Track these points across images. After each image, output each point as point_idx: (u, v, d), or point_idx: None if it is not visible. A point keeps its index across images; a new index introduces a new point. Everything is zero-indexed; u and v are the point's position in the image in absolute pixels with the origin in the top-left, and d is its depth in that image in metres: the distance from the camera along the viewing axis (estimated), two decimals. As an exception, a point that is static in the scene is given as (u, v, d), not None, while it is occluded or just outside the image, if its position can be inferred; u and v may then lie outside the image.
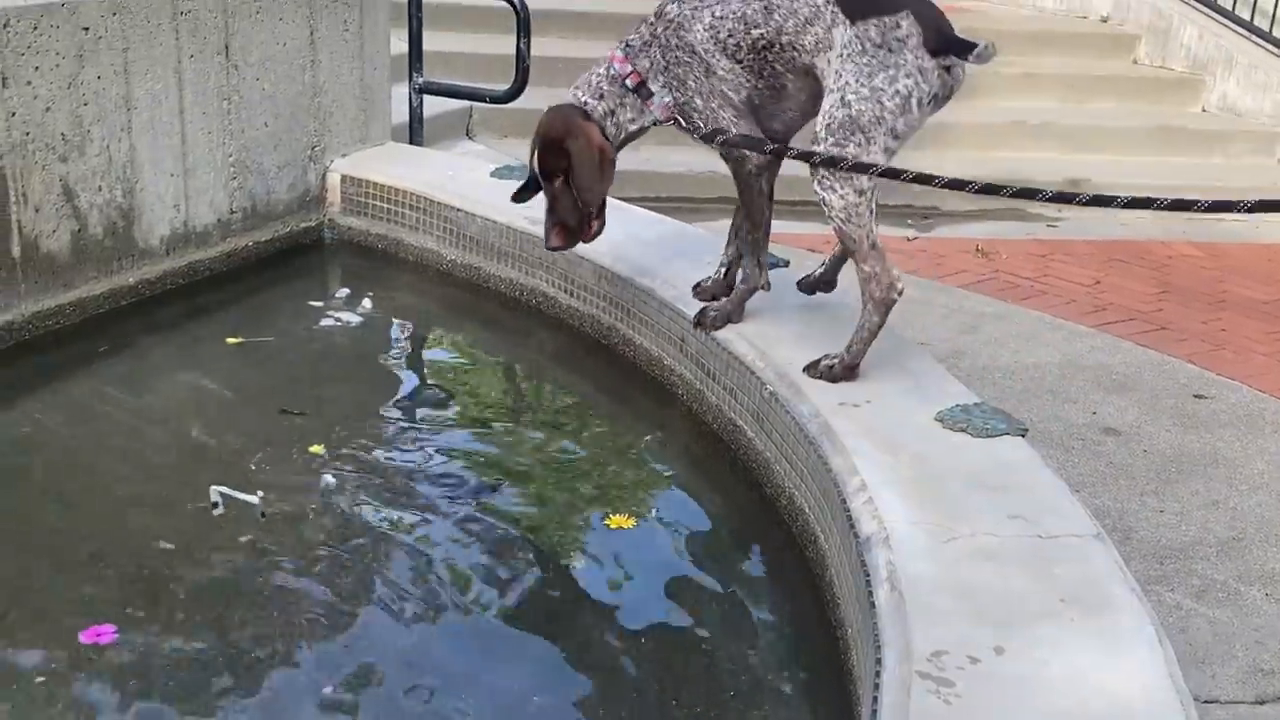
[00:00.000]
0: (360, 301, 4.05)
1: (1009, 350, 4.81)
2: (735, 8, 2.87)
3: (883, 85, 2.72)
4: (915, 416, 2.75)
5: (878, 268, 2.85)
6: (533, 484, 3.08)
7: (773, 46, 2.85)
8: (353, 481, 2.95)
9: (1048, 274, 5.82)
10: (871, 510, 2.38)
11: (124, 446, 3.13)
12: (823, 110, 2.79)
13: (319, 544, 2.72)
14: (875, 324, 2.89)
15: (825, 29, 2.78)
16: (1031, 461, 2.59)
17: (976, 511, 2.37)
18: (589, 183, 2.97)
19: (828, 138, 2.76)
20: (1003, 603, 2.11)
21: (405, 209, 4.36)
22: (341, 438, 3.15)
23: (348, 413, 3.35)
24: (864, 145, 2.74)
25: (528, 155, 3.07)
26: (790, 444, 2.86)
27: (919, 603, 2.09)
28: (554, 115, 3.00)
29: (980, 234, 6.33)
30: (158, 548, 2.66)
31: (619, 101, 2.98)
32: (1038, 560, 2.23)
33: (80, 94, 3.57)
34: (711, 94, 2.92)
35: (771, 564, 2.86)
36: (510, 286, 4.06)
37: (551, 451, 3.25)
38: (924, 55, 2.73)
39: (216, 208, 4.11)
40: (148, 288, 3.90)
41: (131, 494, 2.91)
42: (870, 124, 2.73)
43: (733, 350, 3.14)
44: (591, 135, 2.95)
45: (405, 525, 2.83)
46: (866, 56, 2.73)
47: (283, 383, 3.52)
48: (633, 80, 2.96)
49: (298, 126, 4.36)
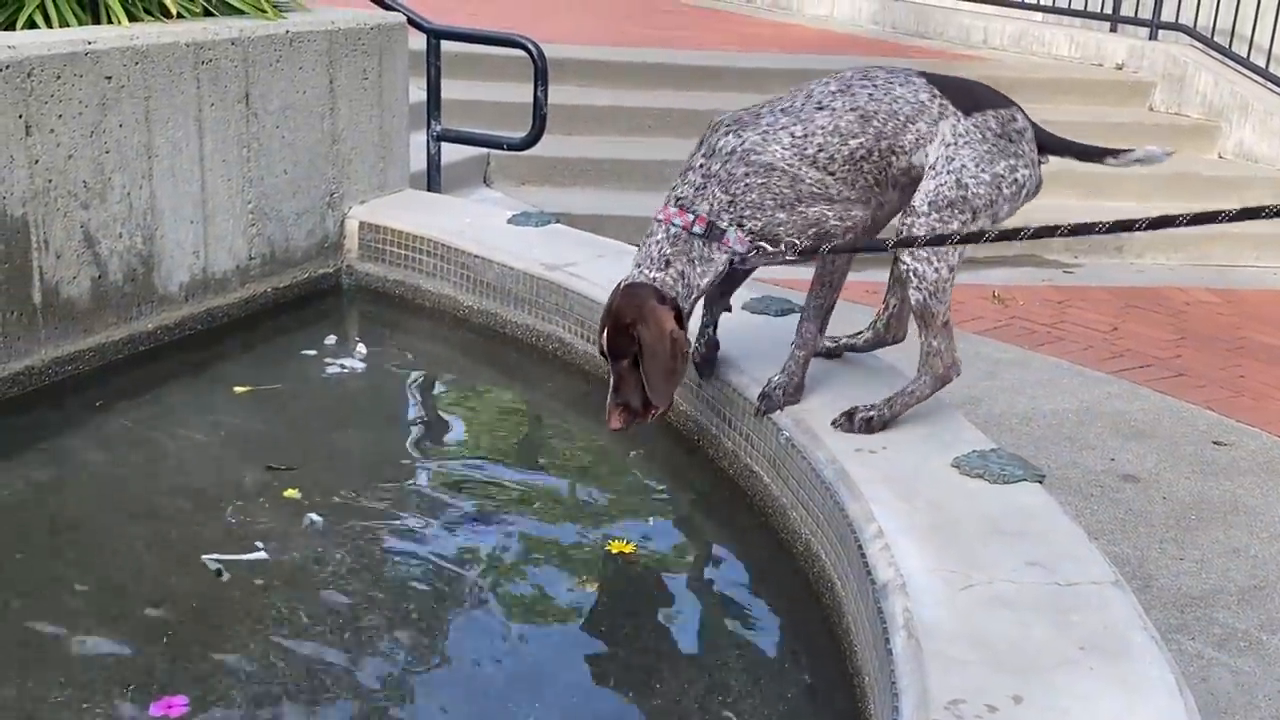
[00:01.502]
0: (355, 348, 4.02)
1: (1026, 396, 4.80)
2: (824, 123, 2.80)
3: (1003, 173, 2.76)
4: (932, 463, 2.74)
5: (944, 345, 2.86)
6: (547, 530, 3.08)
7: (871, 154, 2.81)
8: (353, 532, 2.93)
9: (1065, 320, 5.82)
10: (888, 557, 2.37)
11: (130, 498, 3.12)
12: (927, 189, 2.77)
13: (328, 588, 2.72)
14: (925, 394, 2.90)
15: (930, 123, 2.79)
16: (1049, 508, 2.58)
17: (994, 558, 2.36)
18: (660, 379, 2.88)
19: (931, 213, 2.75)
20: (1021, 651, 2.09)
21: (423, 255, 4.39)
22: (340, 487, 3.12)
23: (350, 462, 3.33)
24: (966, 225, 2.76)
25: (596, 333, 2.97)
26: (807, 490, 2.85)
27: (936, 650, 2.08)
28: (625, 297, 2.88)
29: (997, 280, 6.34)
30: (179, 606, 2.64)
31: (687, 258, 2.88)
32: (1056, 608, 2.21)
33: (102, 142, 3.62)
34: (799, 199, 2.82)
35: (787, 610, 2.84)
36: (527, 332, 4.07)
37: (565, 498, 3.25)
38: (1035, 149, 2.82)
39: (235, 254, 4.14)
40: (166, 334, 3.93)
41: (140, 548, 2.90)
42: (983, 207, 2.76)
43: (748, 396, 3.14)
44: (664, 324, 2.84)
45: (423, 577, 2.83)
46: (987, 145, 2.76)
47: (286, 432, 3.52)
48: (700, 225, 2.86)
49: (316, 174, 4.39)
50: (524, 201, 6.47)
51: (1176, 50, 8.63)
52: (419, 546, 2.92)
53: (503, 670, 2.52)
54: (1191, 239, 7.14)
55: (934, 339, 2.86)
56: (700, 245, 2.88)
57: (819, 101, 2.84)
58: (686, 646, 2.67)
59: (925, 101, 2.80)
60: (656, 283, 2.88)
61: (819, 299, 3.00)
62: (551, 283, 3.99)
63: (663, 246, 2.89)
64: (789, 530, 2.95)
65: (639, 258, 2.93)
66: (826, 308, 3.02)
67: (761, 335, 3.37)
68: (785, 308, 3.55)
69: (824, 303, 3.01)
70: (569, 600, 2.80)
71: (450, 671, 2.52)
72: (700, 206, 2.86)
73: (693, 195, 2.87)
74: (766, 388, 3.06)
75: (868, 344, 3.26)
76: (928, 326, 2.85)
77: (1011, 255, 6.78)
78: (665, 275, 2.88)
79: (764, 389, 3.06)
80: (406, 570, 2.83)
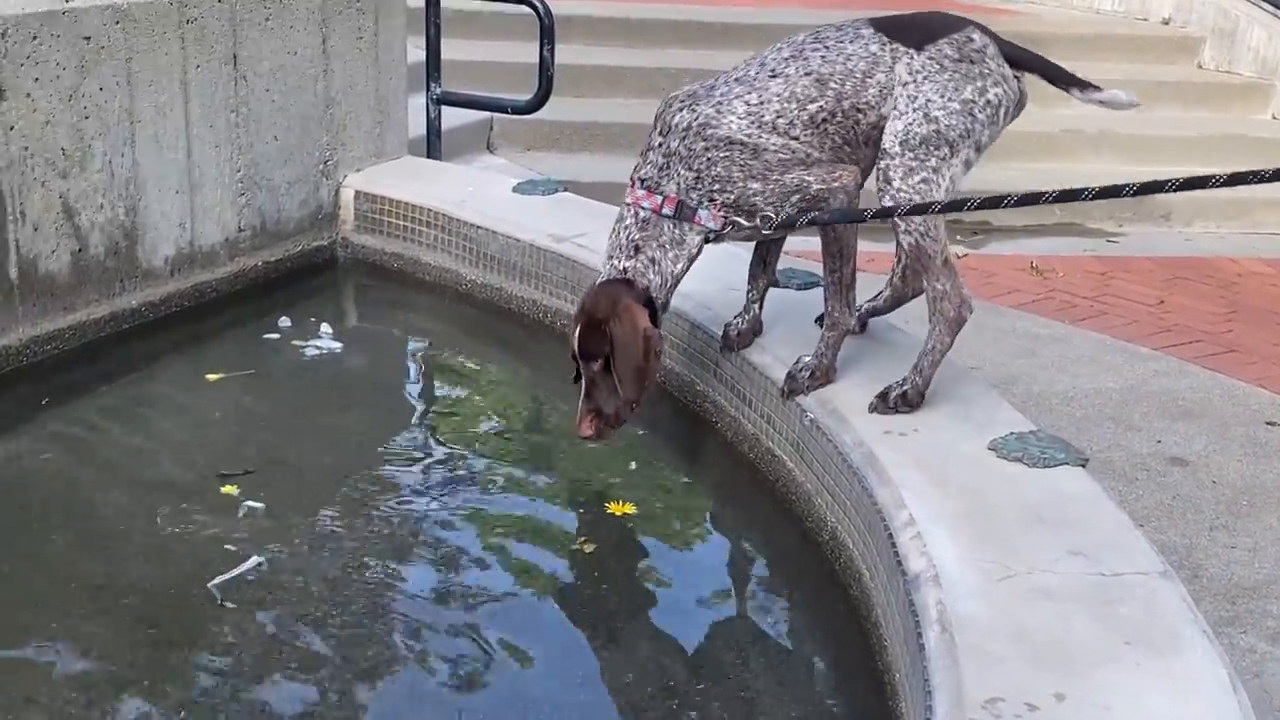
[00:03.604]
0: (319, 329, 3.96)
1: (1067, 375, 4.78)
2: (779, 90, 2.84)
3: (973, 97, 2.79)
4: (967, 446, 2.73)
5: (949, 285, 2.86)
6: (558, 518, 3.08)
7: (834, 116, 2.84)
8: (351, 531, 2.93)
9: (1108, 293, 5.80)
10: (920, 546, 2.37)
11: (74, 501, 3.08)
12: (895, 129, 2.79)
13: (327, 583, 2.73)
14: (946, 344, 2.89)
15: (887, 71, 2.82)
16: (1092, 493, 2.57)
17: (1033, 547, 2.36)
18: (631, 376, 2.92)
19: (904, 153, 2.77)
20: (1062, 645, 2.09)
21: (422, 226, 4.38)
22: (301, 488, 3.10)
23: (316, 459, 3.28)
24: (946, 160, 2.78)
25: (569, 332, 3.00)
26: (832, 475, 2.85)
27: (972, 645, 2.07)
28: (598, 294, 2.93)
29: (1035, 250, 6.32)
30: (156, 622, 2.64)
31: (657, 243, 2.92)
32: (1100, 600, 2.21)
33: (81, 107, 3.61)
34: (769, 169, 2.85)
35: (813, 604, 2.84)
36: (533, 308, 4.06)
37: (578, 484, 3.25)
38: (1004, 64, 2.83)
39: (224, 226, 4.14)
40: (151, 311, 3.93)
41: (73, 555, 2.87)
42: (959, 138, 2.78)
43: (769, 375, 3.14)
44: (638, 320, 2.89)
45: (430, 580, 2.84)
46: (948, 73, 2.79)
47: (283, 415, 3.52)
48: (670, 206, 2.90)
49: (309, 140, 4.39)
50: (530, 168, 6.46)
51: (1227, 3, 8.56)
52: (398, 551, 2.90)
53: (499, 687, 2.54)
54: (1244, 206, 7.10)
55: (937, 281, 2.86)
56: (671, 227, 2.91)
57: (772, 69, 2.88)
58: (705, 643, 2.67)
59: (877, 52, 2.83)
60: (628, 272, 2.92)
61: (834, 272, 3.00)
62: (559, 255, 3.98)
63: (631, 232, 2.93)
64: (814, 518, 2.95)
65: (609, 247, 2.98)
66: (846, 282, 3.01)
67: (784, 310, 3.36)
68: (809, 281, 3.54)
69: (841, 276, 3.00)
70: (577, 598, 2.80)
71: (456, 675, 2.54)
72: (667, 186, 2.90)
73: (657, 175, 2.91)
74: (793, 368, 3.05)
75: (889, 303, 3.26)
76: (928, 270, 2.86)
77: (1051, 224, 6.75)
78: (635, 263, 2.92)
79: (790, 370, 3.06)
80: (389, 579, 2.83)
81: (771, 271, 3.25)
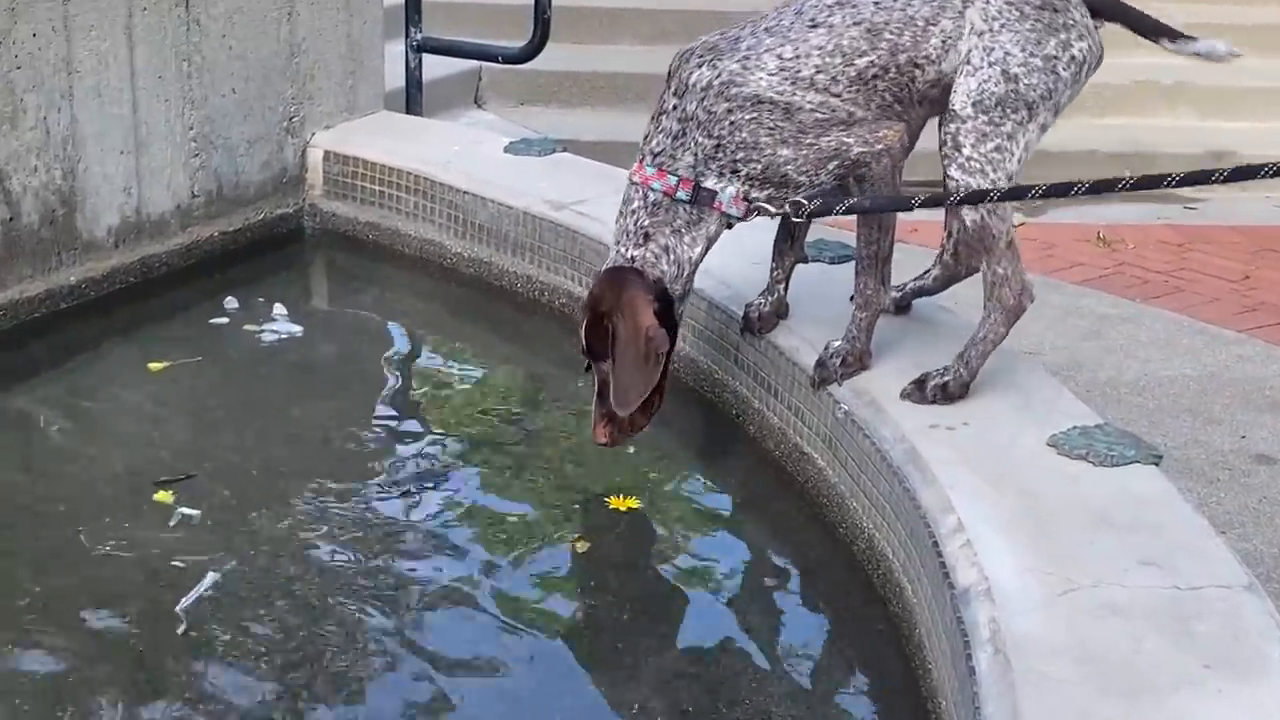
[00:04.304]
0: (270, 310, 3.96)
1: (1138, 360, 4.78)
2: (820, 43, 2.80)
3: (1056, 53, 2.77)
4: (1024, 441, 2.73)
5: (1010, 270, 2.86)
6: (555, 521, 3.09)
7: (887, 72, 2.81)
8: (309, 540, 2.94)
9: (1185, 267, 5.78)
10: (970, 555, 2.37)
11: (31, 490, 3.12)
12: (967, 88, 2.77)
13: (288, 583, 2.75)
14: (1000, 335, 2.90)
15: (955, 17, 2.79)
16: (1167, 495, 2.57)
17: (1099, 557, 2.36)
18: (627, 381, 2.92)
19: (978, 115, 2.76)
20: (1132, 668, 2.09)
21: (401, 192, 4.39)
22: (250, 491, 3.11)
23: (258, 459, 3.28)
24: (1023, 124, 2.77)
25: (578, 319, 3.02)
26: (869, 474, 2.85)
27: (1029, 668, 2.08)
28: (604, 283, 2.93)
29: (1102, 218, 6.29)
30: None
31: (670, 229, 2.90)
32: (1175, 616, 2.21)
33: (12, 55, 3.62)
34: (803, 131, 2.82)
35: (846, 621, 2.85)
36: (528, 285, 4.07)
37: (578, 486, 3.25)
38: (1087, 13, 2.81)
39: (175, 192, 4.15)
40: (92, 288, 3.95)
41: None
42: (1039, 99, 2.77)
43: (798, 361, 3.14)
44: (640, 317, 2.88)
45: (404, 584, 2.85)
46: (1029, 22, 2.77)
47: (236, 409, 3.53)
48: (685, 189, 2.87)
49: (272, 93, 4.39)
50: (523, 125, 6.46)
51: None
52: (369, 559, 2.91)
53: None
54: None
55: (998, 264, 2.86)
56: (686, 210, 2.90)
57: (812, 18, 2.84)
58: (725, 665, 2.67)
59: None
60: (636, 262, 2.91)
61: (870, 244, 2.98)
62: (557, 224, 3.98)
63: (639, 217, 2.91)
64: (848, 523, 2.95)
65: (617, 232, 2.97)
66: (883, 255, 3.00)
67: (815, 286, 3.36)
68: (842, 254, 3.54)
69: (878, 249, 2.98)
70: (577, 608, 2.82)
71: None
72: (683, 160, 2.87)
73: (671, 146, 2.87)
74: (823, 354, 3.05)
75: (939, 282, 3.25)
76: (989, 251, 2.85)
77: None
78: (645, 252, 2.91)
79: (820, 356, 3.05)
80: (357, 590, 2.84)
81: (799, 247, 3.24)
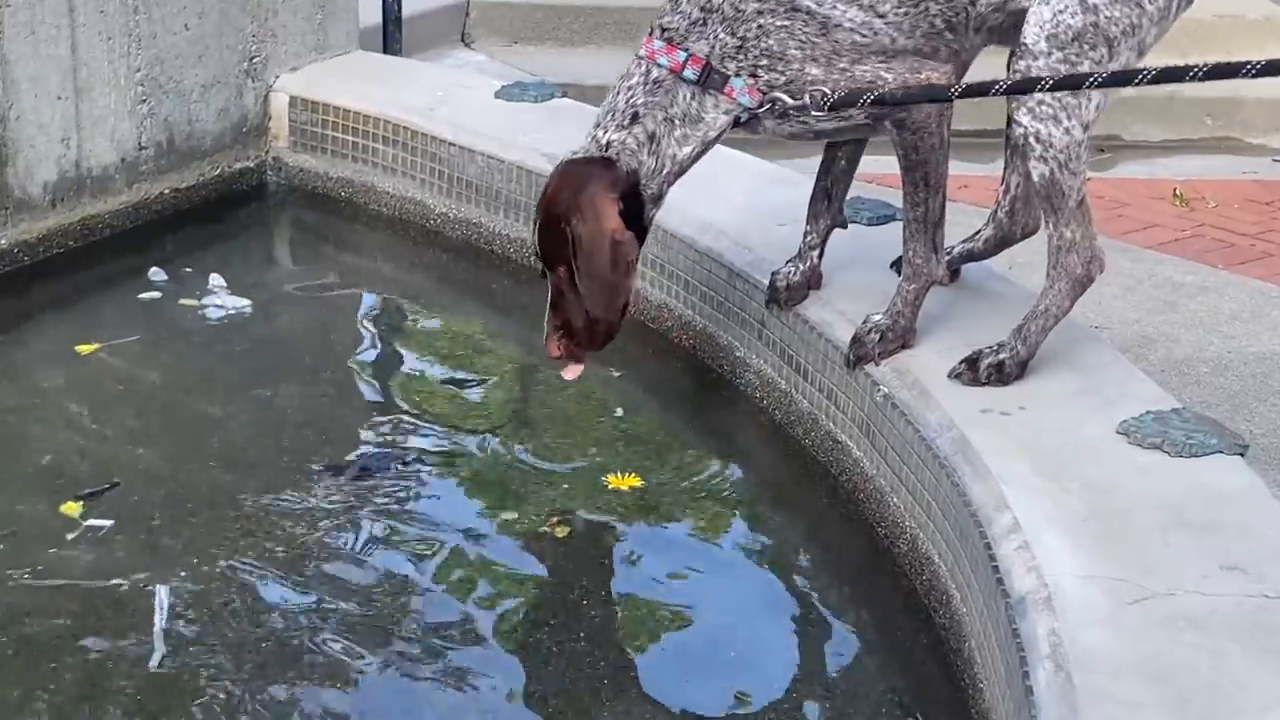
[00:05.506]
0: (206, 282, 3.97)
1: (1220, 335, 4.77)
2: None
3: None
4: (1089, 428, 2.73)
5: (1080, 234, 2.86)
6: (568, 521, 3.10)
7: None
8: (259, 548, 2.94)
9: (1275, 229, 5.77)
10: (1027, 559, 2.37)
11: None
12: (1041, 18, 2.76)
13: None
14: (1064, 308, 2.90)
15: None
16: (1253, 490, 2.57)
17: (1175, 561, 2.36)
18: (596, 293, 2.91)
19: (1053, 51, 2.75)
20: (1214, 688, 2.09)
21: (378, 143, 4.39)
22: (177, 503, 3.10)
23: (181, 465, 3.26)
24: (1102, 63, 2.75)
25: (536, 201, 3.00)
26: (913, 467, 2.85)
27: (1095, 688, 2.08)
28: (560, 177, 2.93)
29: (1179, 173, 6.28)
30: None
31: (665, 114, 2.89)
32: (1262, 629, 2.21)
33: (-67, -13, 3.62)
34: (837, 53, 2.83)
35: (886, 632, 2.86)
36: (521, 250, 4.06)
37: (591, 478, 3.25)
38: None
39: (120, 143, 4.15)
40: (25, 253, 3.95)
41: None
42: (1121, 35, 2.75)
43: (831, 337, 3.14)
44: (604, 219, 2.87)
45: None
46: None
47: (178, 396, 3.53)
48: (694, 67, 2.86)
49: (230, 29, 4.39)
50: (517, 68, 6.46)
51: None
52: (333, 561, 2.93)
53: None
54: None
55: (1066, 227, 2.85)
56: (688, 96, 2.88)
57: None
58: (754, 680, 2.68)
59: None
60: (613, 147, 2.89)
61: (917, 205, 2.97)
62: (557, 180, 3.98)
63: (635, 94, 2.89)
64: (888, 522, 2.96)
65: (600, 112, 2.94)
66: (933, 218, 2.99)
67: (851, 250, 3.36)
68: (883, 214, 3.54)
69: (926, 211, 2.97)
70: (579, 616, 2.82)
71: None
72: (697, 46, 2.86)
73: (686, 28, 2.87)
74: (860, 329, 3.05)
75: (991, 245, 3.25)
76: (1057, 212, 2.85)
77: (1199, 139, 6.72)
78: (626, 136, 2.89)
79: (857, 330, 3.05)
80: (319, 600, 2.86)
81: (837, 208, 3.23)
